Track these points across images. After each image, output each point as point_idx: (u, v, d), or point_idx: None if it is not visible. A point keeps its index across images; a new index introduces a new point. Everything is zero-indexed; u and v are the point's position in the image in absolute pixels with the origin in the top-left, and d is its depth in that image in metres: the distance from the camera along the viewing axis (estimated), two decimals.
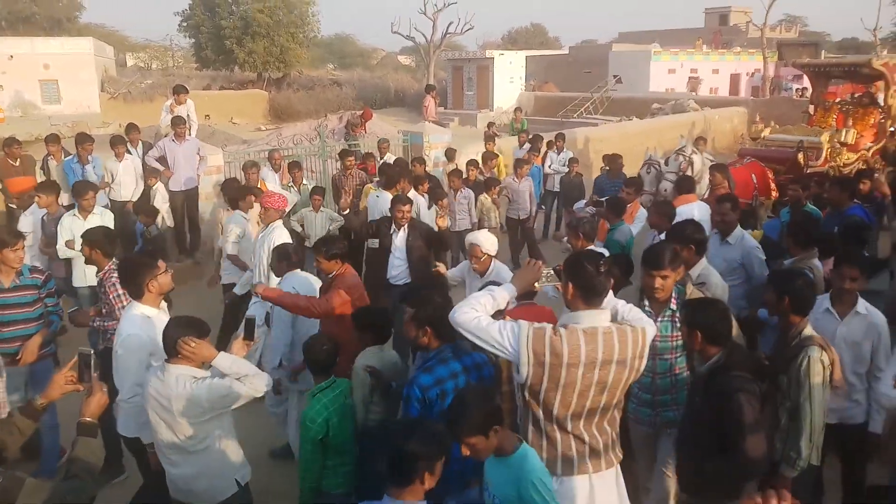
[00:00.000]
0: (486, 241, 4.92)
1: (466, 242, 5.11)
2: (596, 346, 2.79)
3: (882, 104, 10.88)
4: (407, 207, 6.33)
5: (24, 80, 29.57)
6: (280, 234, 5.87)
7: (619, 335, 2.86)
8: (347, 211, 8.34)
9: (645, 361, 3.00)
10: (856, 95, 11.66)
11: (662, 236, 5.72)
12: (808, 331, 3.58)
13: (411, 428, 2.61)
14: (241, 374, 3.36)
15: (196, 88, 34.34)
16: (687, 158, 8.37)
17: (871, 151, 10.64)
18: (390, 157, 10.14)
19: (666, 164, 8.62)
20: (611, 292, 3.04)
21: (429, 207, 7.91)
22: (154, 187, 8.98)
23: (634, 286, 4.02)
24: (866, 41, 36.04)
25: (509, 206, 9.62)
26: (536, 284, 3.17)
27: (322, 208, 8.51)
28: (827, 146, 9.98)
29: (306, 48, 39.81)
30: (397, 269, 6.34)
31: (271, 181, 8.90)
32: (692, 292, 3.87)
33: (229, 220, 7.14)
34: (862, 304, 4.02)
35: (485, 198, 9.10)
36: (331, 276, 4.91)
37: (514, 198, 9.50)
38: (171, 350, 3.33)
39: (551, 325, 2.86)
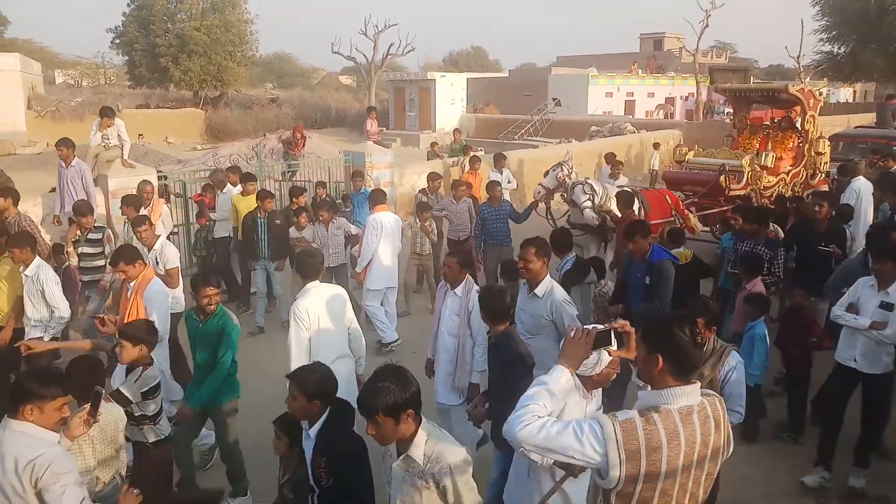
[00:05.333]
0: None
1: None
2: (694, 428, 2.38)
3: (800, 128, 11.20)
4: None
5: None
6: None
7: (711, 410, 2.44)
8: None
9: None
10: (775, 120, 11.99)
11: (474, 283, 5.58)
12: None
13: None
14: None
15: (130, 107, 33.48)
16: (567, 171, 8.83)
17: (790, 175, 10.95)
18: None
19: (545, 175, 9.15)
20: None
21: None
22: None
23: None
24: (791, 68, 37.76)
25: (450, 227, 9.63)
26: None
27: None
28: (748, 169, 10.25)
29: (244, 67, 39.37)
30: None
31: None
32: None
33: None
34: None
35: (413, 222, 9.01)
36: None
37: (453, 219, 9.49)
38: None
39: (637, 413, 2.38)
